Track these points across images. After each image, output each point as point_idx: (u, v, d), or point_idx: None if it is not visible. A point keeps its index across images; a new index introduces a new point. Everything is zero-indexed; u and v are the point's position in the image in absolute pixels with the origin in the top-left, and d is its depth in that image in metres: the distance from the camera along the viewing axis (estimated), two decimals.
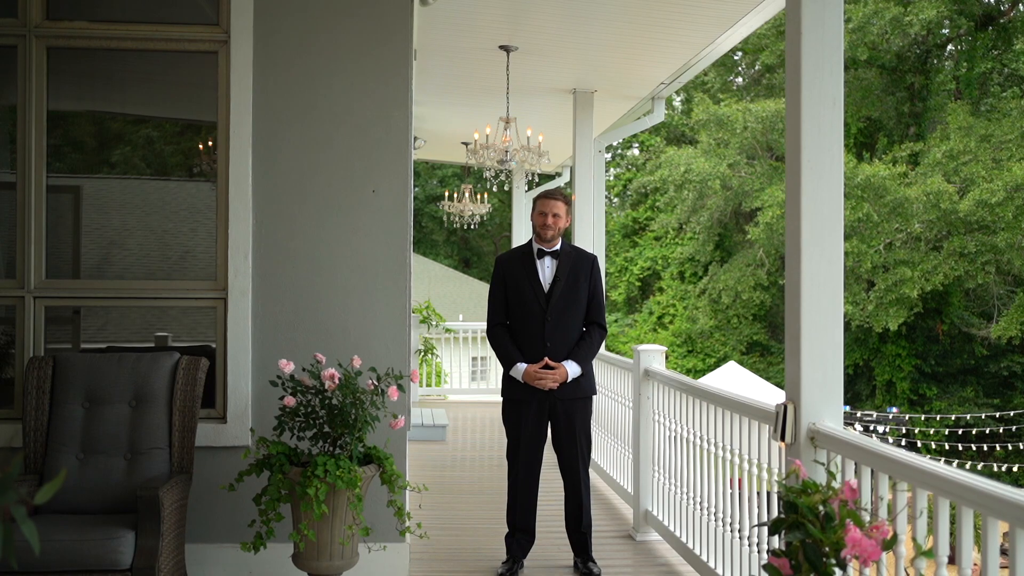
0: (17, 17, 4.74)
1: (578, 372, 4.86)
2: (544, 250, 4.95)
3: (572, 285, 4.89)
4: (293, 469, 4.16)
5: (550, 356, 4.82)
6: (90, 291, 4.91)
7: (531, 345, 4.85)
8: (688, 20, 6.36)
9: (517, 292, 4.90)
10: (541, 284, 4.90)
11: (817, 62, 3.46)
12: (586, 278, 4.93)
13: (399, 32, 4.89)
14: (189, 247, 5.27)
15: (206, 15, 4.87)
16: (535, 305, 4.86)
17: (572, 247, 5.05)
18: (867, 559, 2.79)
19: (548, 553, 5.37)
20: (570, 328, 4.88)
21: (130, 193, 5.46)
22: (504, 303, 4.95)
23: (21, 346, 4.72)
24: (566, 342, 4.86)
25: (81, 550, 3.68)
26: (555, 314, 4.85)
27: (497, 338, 4.95)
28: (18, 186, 4.74)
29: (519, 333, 4.90)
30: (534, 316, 4.86)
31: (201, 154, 5.15)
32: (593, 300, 4.95)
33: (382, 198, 4.87)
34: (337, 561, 4.23)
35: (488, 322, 5.01)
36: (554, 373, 4.80)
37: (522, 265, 4.95)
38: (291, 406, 4.20)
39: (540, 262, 4.94)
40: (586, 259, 5.01)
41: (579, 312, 4.92)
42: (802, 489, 3.05)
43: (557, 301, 4.85)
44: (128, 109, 5.52)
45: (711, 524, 4.70)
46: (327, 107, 4.84)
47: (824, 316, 3.48)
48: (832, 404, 3.47)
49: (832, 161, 3.48)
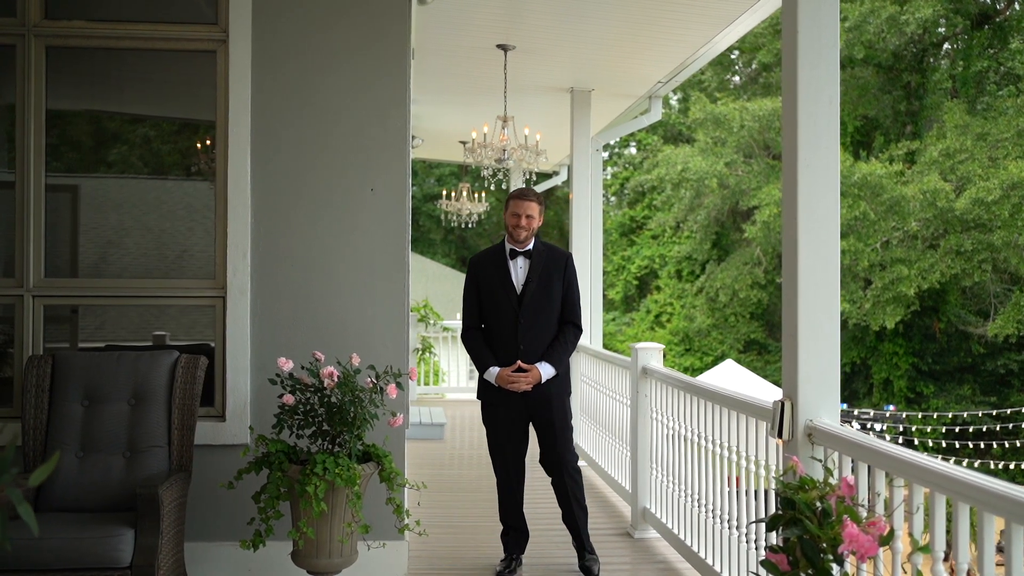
0: (16, 16, 4.74)
1: (552, 373, 4.81)
2: (516, 250, 4.89)
3: (545, 285, 4.83)
4: (292, 467, 4.16)
5: (523, 358, 4.78)
6: (89, 290, 4.91)
7: (505, 347, 4.82)
8: (685, 19, 6.37)
9: (490, 294, 4.86)
10: (513, 285, 4.84)
11: (813, 60, 3.47)
12: (560, 277, 4.86)
13: (396, 31, 4.90)
14: (187, 246, 5.28)
15: (204, 14, 4.88)
16: (508, 306, 4.81)
17: (545, 245, 4.97)
18: (864, 555, 2.81)
19: (546, 551, 5.39)
20: (544, 328, 4.83)
21: (128, 192, 5.46)
22: (478, 305, 4.91)
23: (20, 345, 4.73)
24: (540, 343, 4.82)
25: (80, 548, 3.69)
26: (528, 315, 4.80)
27: (470, 341, 4.93)
28: (17, 185, 4.75)
29: (493, 335, 4.87)
30: (507, 317, 4.81)
31: (199, 153, 5.16)
32: (567, 299, 4.89)
33: (380, 197, 4.88)
34: (336, 559, 4.24)
35: (462, 325, 5.00)
36: (527, 376, 4.75)
37: (494, 266, 4.89)
38: (290, 404, 4.21)
39: (513, 263, 4.88)
40: (560, 257, 4.93)
41: (553, 312, 4.86)
42: (799, 485, 3.06)
43: (530, 302, 4.80)
44: (126, 108, 5.53)
45: (709, 521, 4.72)
46: (325, 106, 4.85)
47: (821, 313, 3.49)
48: (829, 401, 3.48)
49: (828, 159, 3.49)
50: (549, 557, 5.30)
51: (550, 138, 9.45)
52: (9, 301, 4.76)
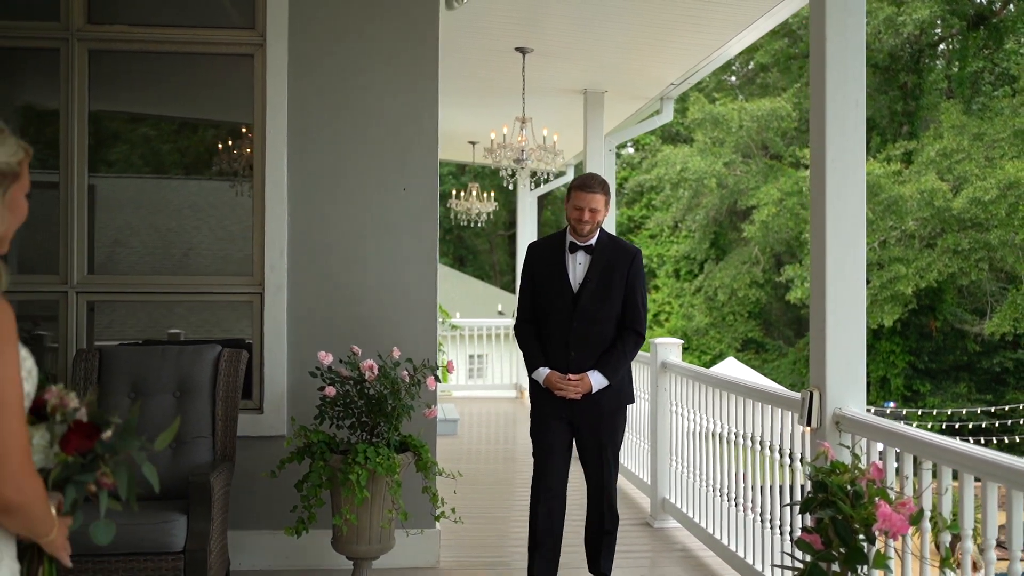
0: (60, 21, 4.89)
1: (603, 383, 4.24)
2: (577, 243, 4.35)
3: (605, 285, 4.29)
4: (333, 456, 4.33)
5: (574, 367, 4.25)
6: (129, 286, 5.06)
7: (556, 350, 4.31)
8: (702, 23, 6.52)
9: (544, 290, 4.37)
10: (570, 283, 4.31)
11: (841, 67, 3.65)
12: (623, 277, 4.30)
13: (428, 35, 5.06)
14: (225, 243, 5.43)
15: (242, 19, 5.03)
16: (561, 306, 4.29)
17: (611, 239, 4.43)
18: (896, 533, 2.98)
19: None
20: (600, 334, 4.28)
21: (166, 191, 5.62)
22: (531, 298, 4.41)
23: (64, 340, 4.88)
24: (593, 350, 4.27)
25: (137, 533, 3.84)
26: (583, 319, 4.26)
27: (523, 336, 4.45)
28: (61, 185, 4.90)
29: (545, 334, 4.37)
30: (560, 318, 4.29)
31: (231, 153, 5.31)
32: (629, 302, 4.31)
33: (412, 196, 5.04)
34: (375, 545, 4.40)
35: (516, 317, 4.57)
36: (577, 384, 4.23)
37: (551, 259, 4.37)
38: (331, 396, 4.37)
39: (571, 257, 4.34)
40: (626, 254, 4.36)
41: (611, 316, 4.30)
42: (831, 470, 3.24)
43: (587, 304, 4.26)
44: (165, 111, 5.68)
45: (731, 510, 4.89)
46: (359, 107, 5.01)
47: (848, 308, 3.67)
48: (855, 390, 3.66)
49: (855, 161, 3.67)
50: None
51: (561, 138, 9.61)
52: (53, 297, 4.91)
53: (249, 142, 5.08)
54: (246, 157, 5.13)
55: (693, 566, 5.19)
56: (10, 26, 4.88)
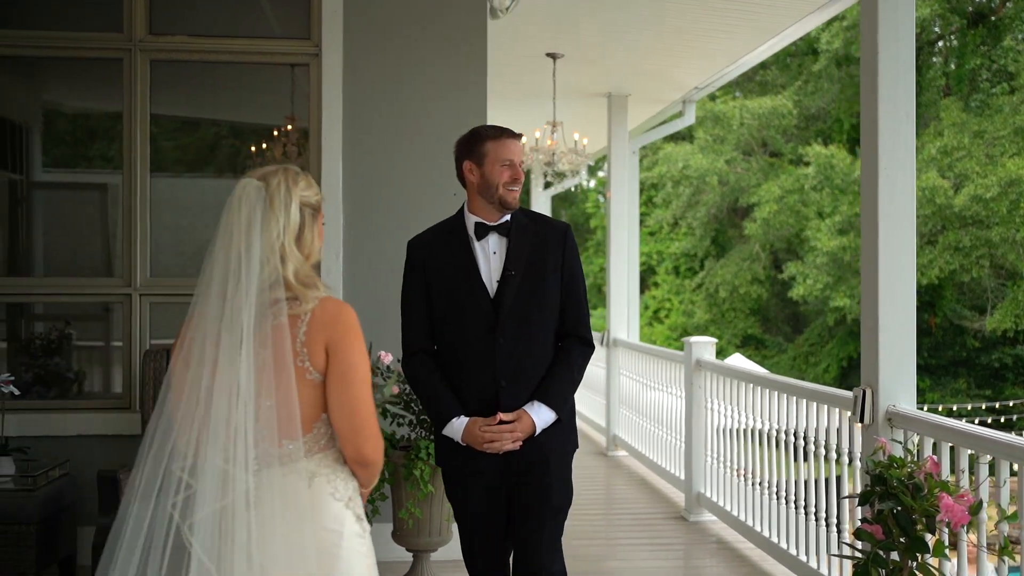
0: (123, 32, 5.05)
1: (550, 419, 3.04)
2: (486, 223, 3.09)
3: (535, 276, 3.06)
4: (395, 452, 4.50)
5: (506, 400, 3.00)
6: (189, 289, 5.21)
7: (475, 385, 3.04)
8: (732, 28, 6.67)
9: (446, 296, 3.08)
10: (483, 282, 3.06)
11: (892, 79, 3.83)
12: (557, 263, 3.09)
13: (476, 43, 5.23)
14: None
15: (298, 29, 5.19)
16: (476, 315, 3.04)
17: (528, 214, 3.21)
18: (957, 523, 3.17)
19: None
20: (535, 349, 3.07)
21: (223, 195, 5.76)
22: (427, 314, 3.13)
23: (128, 340, 5.04)
24: (530, 374, 3.04)
25: None
26: (510, 329, 3.03)
27: (419, 376, 3.11)
28: (123, 189, 5.06)
29: (454, 363, 3.09)
30: (477, 334, 3.03)
31: (287, 157, 5.47)
32: (571, 298, 3.13)
33: (461, 201, 5.19)
34: (435, 538, 4.58)
35: (403, 347, 3.19)
36: (513, 429, 2.97)
37: (450, 252, 3.11)
38: (396, 394, 4.54)
39: (481, 244, 3.09)
40: (554, 231, 3.14)
41: (548, 320, 3.10)
42: (889, 464, 3.42)
43: (513, 307, 3.03)
44: (221, 115, 5.84)
45: (771, 502, 5.07)
46: (411, 115, 5.18)
47: (898, 310, 3.85)
48: (906, 388, 3.85)
49: (905, 169, 3.85)
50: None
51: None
52: (117, 300, 5.07)
53: (301, 146, 5.24)
54: (300, 161, 5.29)
55: (731, 557, 5.38)
56: (77, 37, 5.04)
